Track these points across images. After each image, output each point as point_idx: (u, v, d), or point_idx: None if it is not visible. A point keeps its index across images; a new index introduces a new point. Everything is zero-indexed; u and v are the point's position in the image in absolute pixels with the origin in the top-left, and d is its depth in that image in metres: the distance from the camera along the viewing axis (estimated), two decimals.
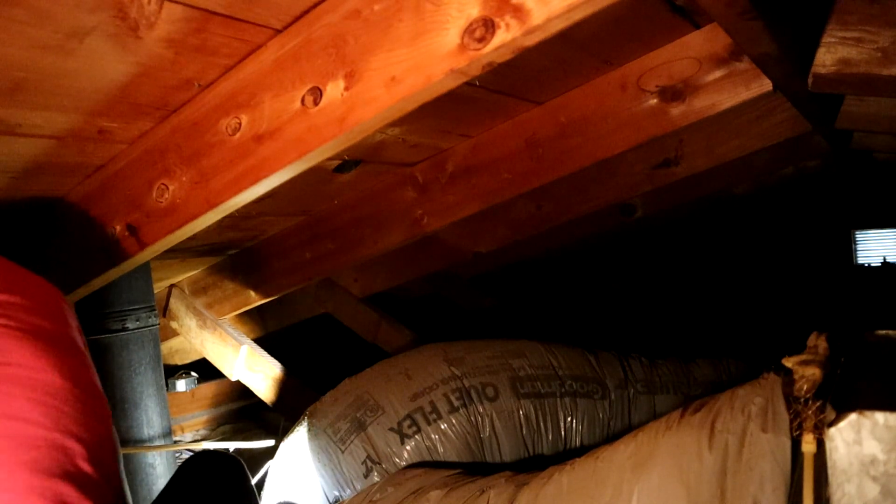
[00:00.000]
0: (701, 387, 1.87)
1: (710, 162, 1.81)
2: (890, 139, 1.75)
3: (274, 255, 1.99)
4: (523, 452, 1.64)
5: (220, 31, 0.83)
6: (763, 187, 3.07)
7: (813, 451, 0.83)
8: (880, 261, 4.79)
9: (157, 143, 1.06)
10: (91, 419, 0.59)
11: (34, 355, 0.58)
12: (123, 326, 1.59)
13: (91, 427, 0.58)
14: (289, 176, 0.96)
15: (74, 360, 0.61)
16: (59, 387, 0.58)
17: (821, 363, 0.92)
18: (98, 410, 0.61)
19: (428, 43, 0.75)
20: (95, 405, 0.61)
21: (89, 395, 0.60)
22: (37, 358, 0.58)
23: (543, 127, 1.46)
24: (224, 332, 2.06)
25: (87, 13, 0.73)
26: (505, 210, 2.19)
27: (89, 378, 0.62)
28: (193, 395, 2.59)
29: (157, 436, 1.63)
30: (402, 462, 1.51)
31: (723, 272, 4.21)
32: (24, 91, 0.86)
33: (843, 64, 0.85)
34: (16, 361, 0.56)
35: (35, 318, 0.61)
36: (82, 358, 0.63)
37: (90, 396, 0.60)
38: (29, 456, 0.52)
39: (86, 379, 0.61)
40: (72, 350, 0.62)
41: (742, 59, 1.24)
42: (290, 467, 1.62)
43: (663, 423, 1.08)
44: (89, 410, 0.59)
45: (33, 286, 0.66)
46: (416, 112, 0.83)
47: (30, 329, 0.59)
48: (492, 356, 1.73)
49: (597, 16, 0.68)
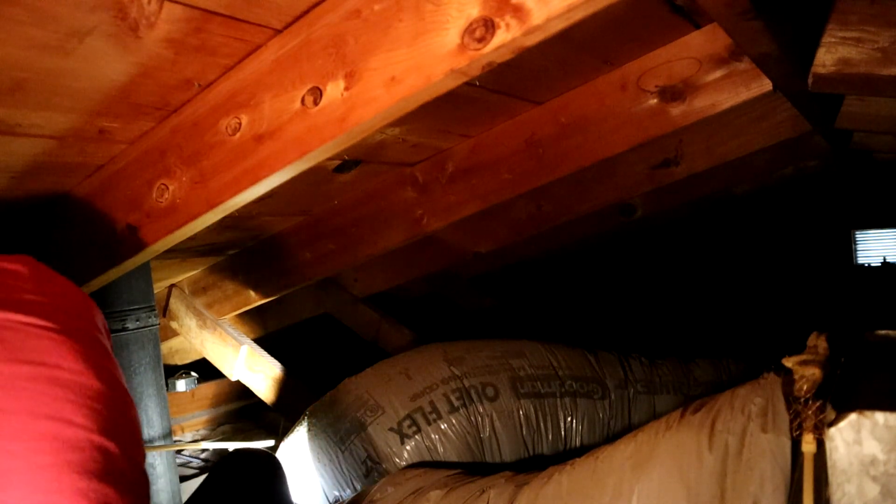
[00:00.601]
0: (701, 387, 1.87)
1: (710, 162, 1.81)
2: (890, 139, 1.75)
3: (274, 255, 1.99)
4: (523, 452, 1.64)
5: (220, 31, 0.83)
6: (763, 187, 3.07)
7: (813, 451, 0.83)
8: (880, 261, 4.79)
9: (157, 143, 1.06)
10: (124, 420, 0.61)
11: (73, 357, 0.59)
12: (123, 326, 1.59)
13: (125, 428, 0.60)
14: (289, 176, 0.96)
15: (105, 362, 0.63)
16: (97, 389, 0.59)
17: (821, 363, 0.92)
18: (129, 412, 0.63)
19: (428, 43, 0.75)
20: (127, 407, 0.63)
21: (121, 397, 0.62)
22: (75, 360, 0.59)
23: (543, 127, 1.46)
24: (224, 332, 2.06)
25: (87, 13, 0.73)
26: (505, 210, 2.19)
27: (120, 381, 0.64)
28: (193, 395, 2.59)
29: (157, 436, 1.63)
30: (402, 462, 1.51)
31: (723, 272, 4.21)
32: (24, 91, 0.86)
33: (843, 64, 0.85)
34: (55, 363, 0.57)
35: (69, 320, 0.62)
36: (111, 360, 0.65)
37: (122, 399, 0.62)
38: (75, 458, 0.54)
39: (117, 381, 0.63)
40: (101, 351, 0.64)
41: (742, 59, 1.24)
42: (290, 467, 1.62)
43: (663, 423, 1.08)
44: (122, 412, 0.61)
45: (63, 288, 0.67)
46: (416, 112, 0.83)
47: (66, 331, 0.61)
48: (492, 356, 1.73)
49: (597, 16, 0.68)
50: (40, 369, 0.56)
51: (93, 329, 0.65)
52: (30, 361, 0.56)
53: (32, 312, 0.60)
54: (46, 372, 0.56)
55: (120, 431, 0.59)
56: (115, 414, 0.59)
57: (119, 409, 0.60)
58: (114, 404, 0.60)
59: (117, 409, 0.60)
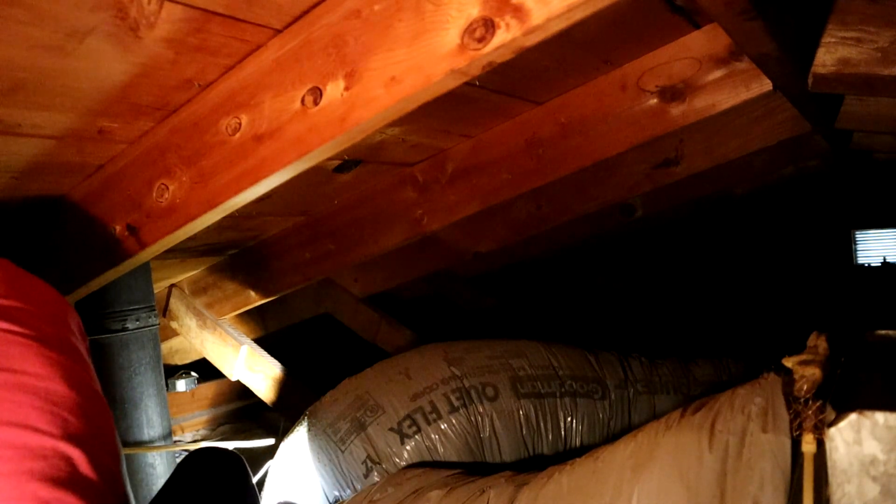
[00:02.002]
0: (701, 387, 1.87)
1: (710, 162, 1.81)
2: (890, 139, 1.75)
3: (274, 256, 1.99)
4: (523, 452, 1.64)
5: (220, 31, 0.83)
6: (763, 187, 3.07)
7: (813, 451, 0.83)
8: (880, 261, 4.79)
9: (157, 143, 1.06)
10: (94, 426, 0.59)
11: (40, 363, 0.58)
12: (123, 326, 1.59)
13: (94, 434, 0.59)
14: (289, 176, 0.96)
15: (77, 367, 0.61)
16: (64, 395, 0.58)
17: (821, 363, 0.92)
18: (100, 417, 0.61)
19: (428, 43, 0.75)
20: (98, 412, 0.61)
21: (92, 402, 0.61)
22: (43, 365, 0.58)
23: (543, 127, 1.46)
24: (224, 332, 2.06)
25: (87, 13, 0.73)
26: (505, 210, 2.19)
27: (92, 385, 0.62)
28: (193, 395, 2.59)
29: (157, 436, 1.63)
30: (402, 462, 1.51)
31: (723, 272, 4.21)
32: (24, 91, 0.86)
33: (843, 64, 0.85)
34: (22, 369, 0.56)
35: (40, 324, 0.61)
36: (84, 364, 0.63)
37: (93, 404, 0.61)
38: (37, 466, 0.53)
39: (89, 386, 0.62)
40: (74, 356, 0.62)
41: (742, 59, 1.24)
42: (290, 467, 1.62)
43: (663, 424, 1.08)
44: (92, 417, 0.60)
45: (37, 291, 0.66)
46: (416, 112, 0.83)
47: (35, 336, 0.59)
48: (492, 356, 1.73)
49: (597, 16, 0.68)
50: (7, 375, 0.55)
51: (66, 333, 0.64)
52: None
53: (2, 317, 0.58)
54: (12, 378, 0.55)
55: (88, 438, 0.57)
56: (84, 420, 0.58)
57: (88, 416, 0.59)
58: (83, 410, 0.58)
59: (86, 415, 0.59)
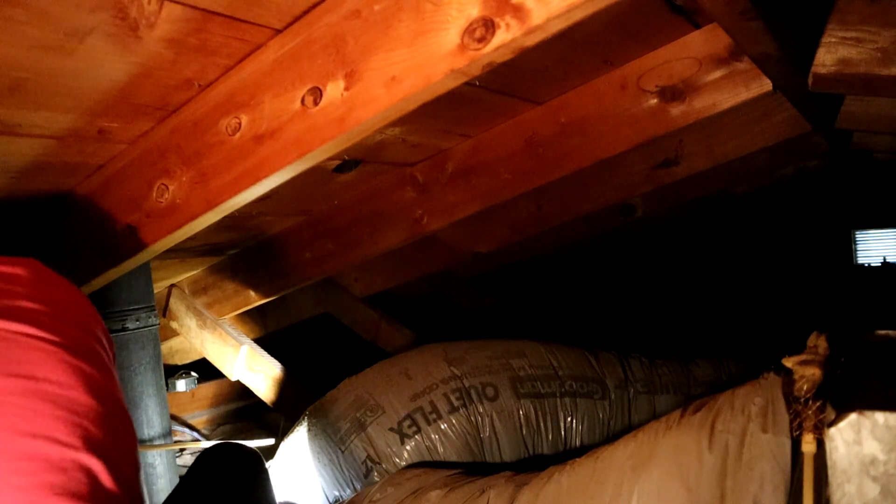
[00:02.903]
0: (701, 387, 1.87)
1: (710, 162, 1.81)
2: (890, 139, 1.75)
3: (274, 256, 1.99)
4: (523, 452, 1.64)
5: (220, 31, 0.83)
6: (763, 187, 3.08)
7: (813, 451, 0.83)
8: (880, 261, 4.80)
9: (157, 143, 1.06)
10: (116, 436, 0.57)
11: (62, 370, 0.56)
12: (123, 326, 1.59)
13: (116, 445, 0.57)
14: (289, 176, 0.96)
15: (100, 375, 0.59)
16: (86, 404, 0.56)
17: (821, 363, 0.92)
18: (122, 427, 0.60)
19: (428, 43, 0.75)
20: (119, 421, 0.59)
21: (115, 412, 0.59)
22: (65, 373, 0.56)
23: (543, 127, 1.46)
24: (224, 332, 2.06)
25: (87, 13, 0.73)
26: (505, 210, 2.19)
27: (115, 394, 0.60)
28: (193, 395, 2.59)
29: (157, 436, 1.63)
30: (402, 462, 1.51)
31: (723, 272, 4.21)
32: (24, 91, 0.86)
33: (843, 64, 0.85)
34: (44, 376, 0.54)
35: (69, 331, 0.59)
36: (108, 373, 0.61)
37: (115, 413, 0.59)
38: (58, 479, 0.50)
39: (112, 395, 0.60)
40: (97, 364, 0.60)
41: (742, 59, 1.24)
42: (290, 467, 1.62)
43: (663, 423, 1.08)
44: (114, 428, 0.58)
45: (68, 296, 0.64)
46: (416, 112, 0.83)
47: (59, 341, 0.57)
48: (492, 356, 1.73)
49: (597, 15, 0.68)
50: (27, 383, 0.53)
51: (90, 340, 0.62)
52: (16, 374, 0.53)
53: (26, 321, 0.56)
54: (33, 386, 0.53)
55: (110, 449, 0.55)
56: (106, 431, 0.56)
57: (110, 426, 0.57)
58: (105, 420, 0.56)
59: (109, 425, 0.57)
